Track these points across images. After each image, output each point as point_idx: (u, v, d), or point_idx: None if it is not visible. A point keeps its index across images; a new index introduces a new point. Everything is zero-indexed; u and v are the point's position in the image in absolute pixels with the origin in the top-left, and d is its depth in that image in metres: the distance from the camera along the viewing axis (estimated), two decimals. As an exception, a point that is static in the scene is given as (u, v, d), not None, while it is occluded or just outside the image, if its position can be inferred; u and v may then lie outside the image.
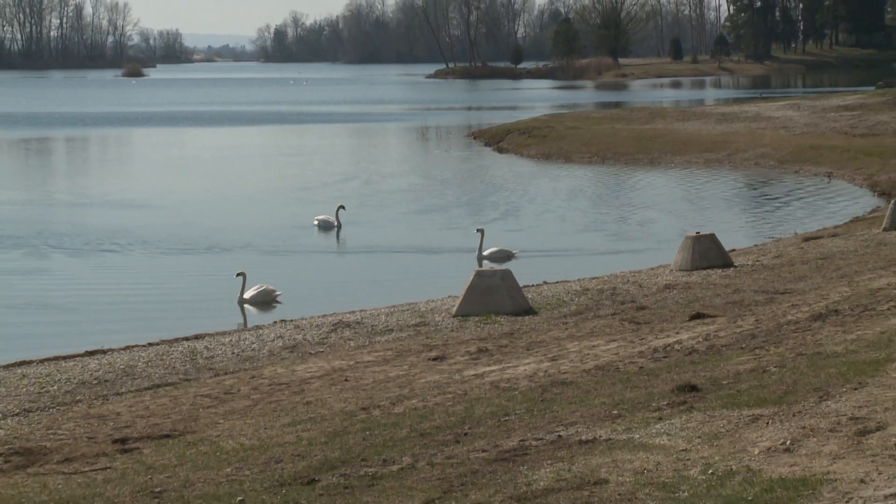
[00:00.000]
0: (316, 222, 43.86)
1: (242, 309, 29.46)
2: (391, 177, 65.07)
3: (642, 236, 41.46)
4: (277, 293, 30.37)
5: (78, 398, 18.66)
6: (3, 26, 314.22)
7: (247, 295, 29.91)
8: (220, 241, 40.73)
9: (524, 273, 26.80)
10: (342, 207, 44.00)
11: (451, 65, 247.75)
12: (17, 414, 17.81)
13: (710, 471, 11.08)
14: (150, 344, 23.85)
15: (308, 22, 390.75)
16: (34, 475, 13.79)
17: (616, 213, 50.58)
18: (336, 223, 43.11)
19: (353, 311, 26.31)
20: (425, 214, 48.28)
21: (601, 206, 53.21)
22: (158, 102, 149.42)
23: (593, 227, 45.70)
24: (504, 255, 35.46)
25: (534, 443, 12.75)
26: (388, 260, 37.70)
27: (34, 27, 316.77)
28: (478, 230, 36.13)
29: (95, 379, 20.11)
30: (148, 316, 28.73)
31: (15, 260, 39.05)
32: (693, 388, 14.80)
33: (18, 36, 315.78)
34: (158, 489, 12.38)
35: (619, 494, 10.57)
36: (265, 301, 29.96)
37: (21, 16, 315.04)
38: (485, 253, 35.47)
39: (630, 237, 41.98)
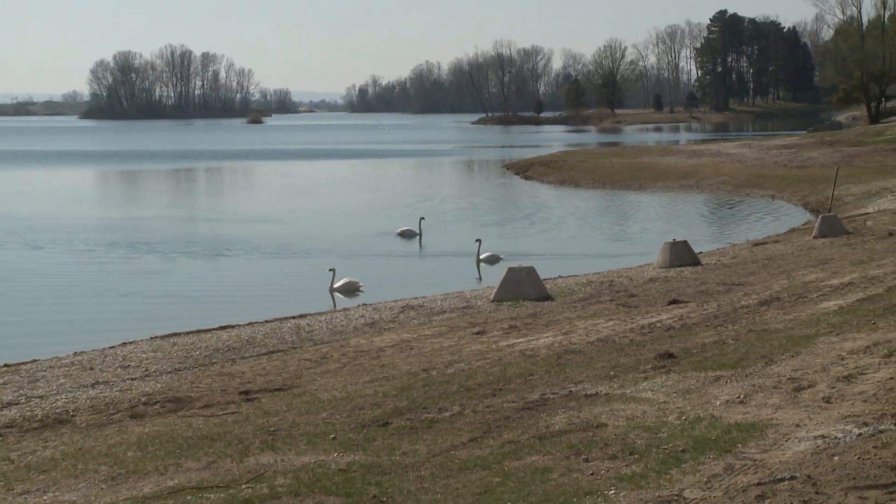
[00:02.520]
0: (399, 232, 43.75)
1: (333, 296, 29.52)
2: (452, 198, 65.09)
3: (632, 242, 41.37)
4: (360, 284, 30.46)
5: (213, 361, 18.77)
6: (161, 87, 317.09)
7: (336, 285, 30.01)
8: (320, 246, 40.86)
9: (544, 269, 26.71)
10: (423, 219, 43.91)
11: (489, 114, 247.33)
12: (169, 372, 17.93)
13: (684, 417, 11.04)
14: (266, 321, 23.95)
15: (383, 82, 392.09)
16: (182, 417, 13.86)
17: (612, 225, 50.58)
18: (418, 232, 42.98)
19: (417, 298, 26.30)
20: (479, 226, 48.08)
21: (601, 219, 53.26)
22: (273, 142, 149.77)
23: (595, 235, 45.66)
24: (494, 258, 35.39)
25: (551, 396, 12.74)
26: (448, 260, 37.65)
27: (183, 87, 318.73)
28: (476, 240, 36.30)
29: (226, 347, 20.22)
30: (263, 300, 28.85)
31: (163, 260, 39.23)
32: (670, 355, 14.76)
33: (171, 94, 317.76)
34: (273, 429, 12.41)
35: (615, 435, 10.55)
36: (350, 290, 30.05)
37: (174, 79, 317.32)
38: (481, 256, 35.49)
39: (623, 243, 41.91)
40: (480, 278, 32.88)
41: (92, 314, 28.75)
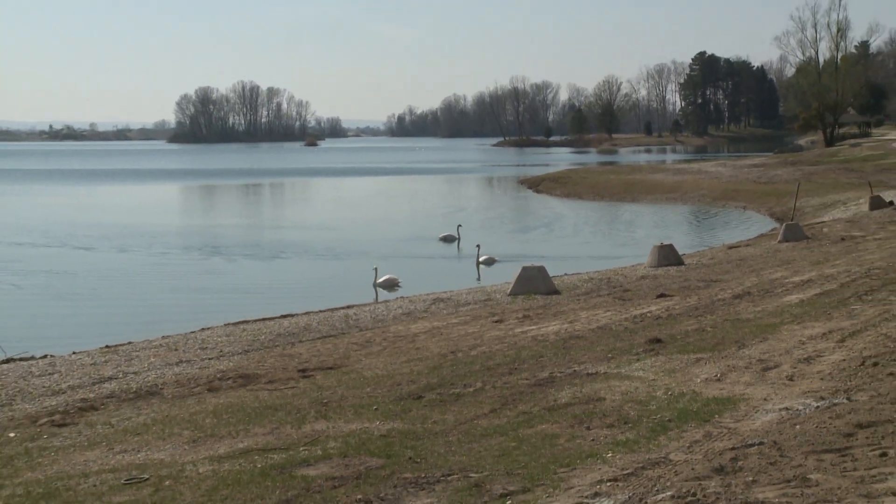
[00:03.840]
0: (441, 237, 43.57)
1: (376, 290, 29.52)
2: (479, 208, 65.09)
3: (626, 245, 41.21)
4: (399, 280, 30.44)
5: (276, 344, 18.79)
6: (234, 116, 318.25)
7: (378, 281, 30.01)
8: (366, 249, 40.89)
9: (552, 268, 26.64)
10: (460, 226, 43.84)
11: (506, 138, 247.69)
12: (239, 353, 17.97)
13: (669, 392, 11.01)
14: (320, 311, 23.99)
15: (418, 111, 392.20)
16: (251, 390, 13.87)
17: (609, 231, 50.51)
18: (457, 237, 42.86)
19: (446, 292, 26.29)
20: (507, 232, 48.15)
21: (600, 226, 53.13)
22: (326, 162, 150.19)
23: (595, 240, 45.55)
24: (491, 261, 35.40)
25: (558, 374, 12.71)
26: (469, 259, 37.65)
27: (251, 116, 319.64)
28: (476, 245, 36.56)
29: (287, 332, 20.25)
30: (317, 294, 28.89)
31: (233, 261, 39.40)
32: (658, 340, 14.70)
33: (242, 122, 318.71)
34: (325, 400, 12.42)
35: (612, 407, 10.53)
36: (390, 285, 30.04)
37: (244, 109, 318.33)
38: (480, 259, 35.42)
39: (618, 246, 41.75)
40: (479, 278, 32.72)
41: (175, 305, 28.90)
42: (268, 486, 8.48)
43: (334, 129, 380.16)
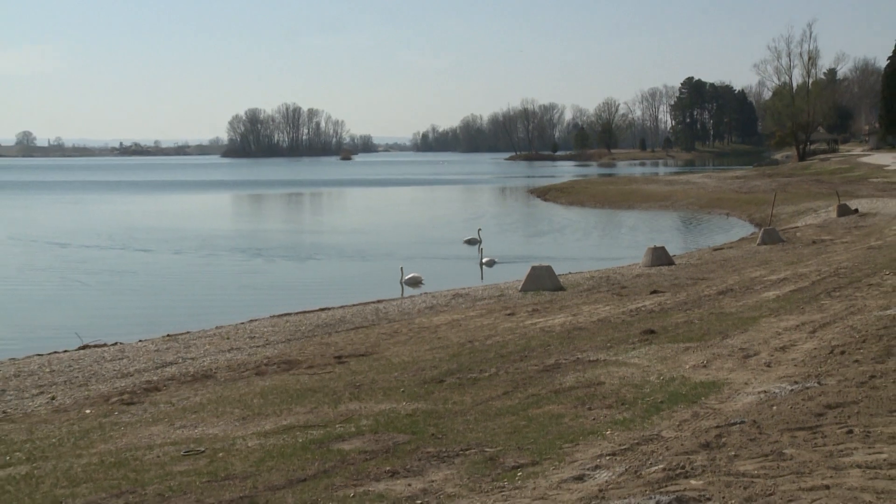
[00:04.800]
0: (465, 240, 43.20)
1: (402, 286, 29.52)
2: (495, 214, 65.07)
3: (623, 247, 41.11)
4: (422, 278, 30.41)
5: (315, 333, 18.82)
6: (278, 134, 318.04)
7: (404, 279, 30.01)
8: (394, 251, 40.88)
9: (558, 267, 26.56)
10: (480, 230, 43.73)
11: (518, 153, 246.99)
12: (282, 342, 18.01)
13: (661, 377, 10.98)
14: (354, 305, 24.03)
15: (440, 129, 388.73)
16: (293, 374, 13.90)
17: (608, 235, 50.39)
18: (479, 239, 42.69)
19: (465, 288, 26.30)
20: (524, 235, 48.11)
21: (601, 230, 53.05)
22: (359, 174, 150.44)
23: (596, 242, 45.49)
24: (491, 262, 35.17)
25: (563, 361, 12.69)
26: (499, 262, 37.64)
27: (294, 134, 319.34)
28: (479, 249, 36.63)
29: (324, 323, 20.28)
30: (351, 289, 28.91)
31: (276, 260, 39.49)
32: (652, 331, 14.66)
33: (285, 138, 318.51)
34: (358, 383, 12.43)
35: (611, 390, 10.51)
36: (415, 282, 30.00)
37: (287, 128, 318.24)
38: (483, 260, 35.26)
39: (616, 248, 41.67)
40: (483, 277, 32.46)
41: (226, 299, 29.01)
42: (308, 459, 8.50)
43: (366, 145, 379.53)
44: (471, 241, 42.58)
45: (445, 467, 7.87)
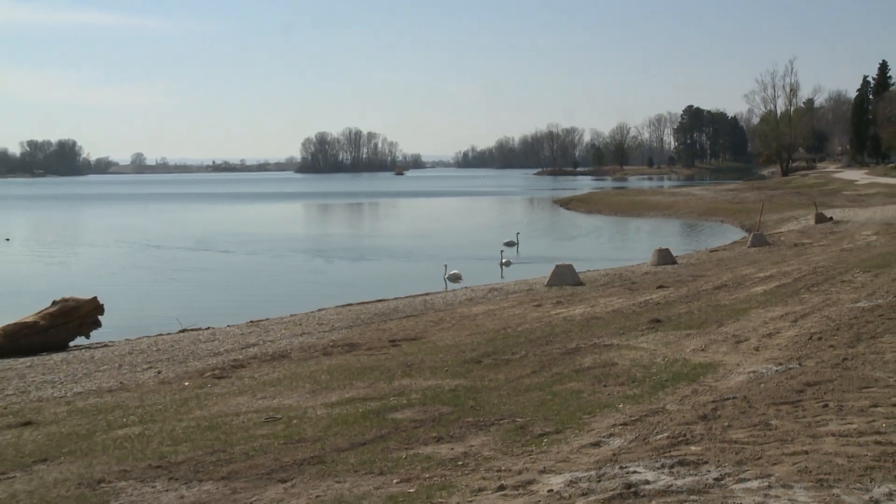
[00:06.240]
0: (505, 242, 42.89)
1: (445, 282, 29.50)
2: (524, 222, 64.86)
3: (634, 249, 40.89)
4: (461, 274, 30.34)
5: (373, 321, 18.85)
6: (342, 153, 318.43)
7: (447, 275, 29.99)
8: (440, 252, 40.92)
9: (578, 265, 26.42)
10: (518, 233, 43.54)
11: (544, 169, 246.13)
12: (346, 327, 18.05)
13: (666, 359, 10.90)
14: (405, 297, 24.07)
15: (478, 148, 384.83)
16: (354, 355, 13.93)
17: (621, 238, 50.13)
18: (516, 242, 42.40)
19: (499, 283, 26.33)
20: (555, 239, 48.07)
21: (614, 234, 52.75)
22: (410, 187, 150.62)
23: (610, 244, 45.32)
24: (508, 263, 34.93)
25: (583, 345, 12.63)
26: (526, 262, 37.54)
27: (355, 153, 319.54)
28: (501, 251, 36.38)
29: (380, 312, 20.31)
30: (402, 284, 28.86)
31: (337, 260, 39.70)
32: (658, 320, 14.56)
33: (348, 157, 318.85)
34: (409, 363, 12.44)
35: (623, 370, 10.44)
36: (456, 278, 29.95)
37: (350, 148, 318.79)
38: (503, 261, 34.96)
39: (628, 249, 41.46)
40: (503, 276, 31.98)
41: (298, 291, 29.24)
42: (367, 426, 8.53)
43: (416, 162, 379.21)
44: (510, 244, 42.45)
45: (482, 434, 7.87)
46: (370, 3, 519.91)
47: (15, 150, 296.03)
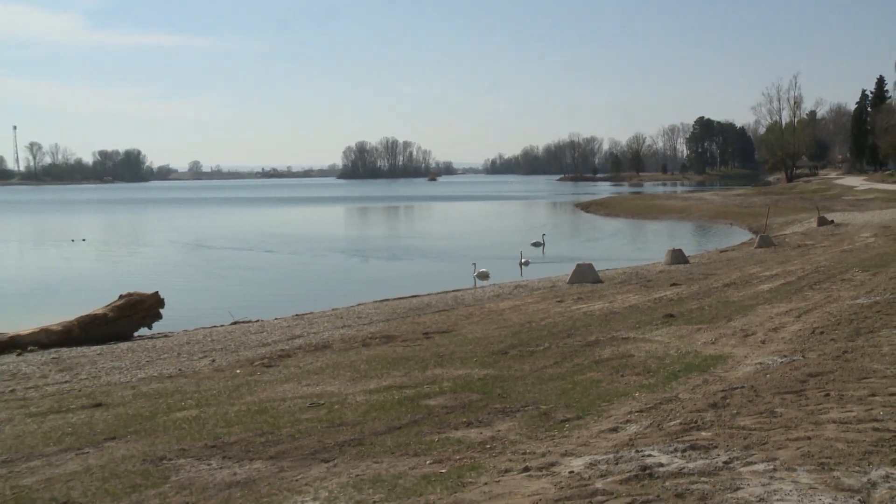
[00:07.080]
0: (532, 243, 42.35)
1: (474, 279, 29.44)
2: (548, 224, 64.55)
3: (649, 249, 40.57)
4: (489, 272, 30.22)
5: (408, 315, 18.88)
6: (380, 161, 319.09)
7: (476, 273, 29.91)
8: (469, 251, 40.82)
9: (598, 264, 26.27)
10: (544, 234, 43.30)
11: (566, 175, 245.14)
12: (383, 321, 18.10)
13: (679, 351, 10.84)
14: (438, 293, 24.08)
15: (505, 156, 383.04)
16: (391, 346, 13.97)
17: (637, 239, 49.76)
18: (542, 243, 42.11)
19: (524, 280, 26.27)
20: (565, 239, 47.84)
21: (631, 236, 52.38)
22: (442, 191, 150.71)
23: (627, 245, 45.02)
24: (527, 262, 34.53)
25: (602, 338, 12.57)
26: (550, 261, 37.39)
27: (392, 161, 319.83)
28: (520, 251, 35.98)
29: (415, 307, 20.35)
30: (434, 281, 28.94)
31: (372, 259, 39.77)
32: (671, 315, 14.47)
33: (386, 164, 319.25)
34: (441, 354, 12.44)
35: (639, 361, 10.38)
36: (484, 276, 29.78)
37: (387, 156, 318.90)
38: (522, 261, 34.60)
39: (643, 250, 41.16)
40: (522, 275, 31.60)
41: (339, 287, 29.32)
42: (402, 411, 8.56)
43: (448, 169, 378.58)
44: (536, 244, 42.20)
45: (509, 420, 7.87)
46: (410, 25, 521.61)
47: (88, 159, 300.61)
